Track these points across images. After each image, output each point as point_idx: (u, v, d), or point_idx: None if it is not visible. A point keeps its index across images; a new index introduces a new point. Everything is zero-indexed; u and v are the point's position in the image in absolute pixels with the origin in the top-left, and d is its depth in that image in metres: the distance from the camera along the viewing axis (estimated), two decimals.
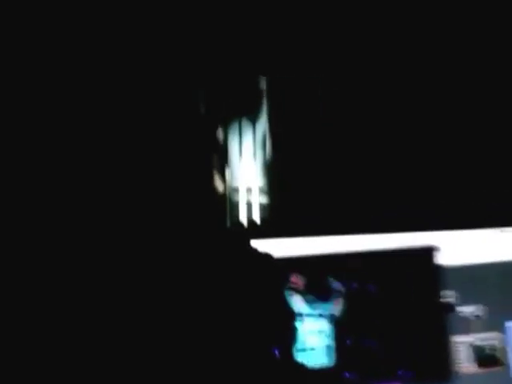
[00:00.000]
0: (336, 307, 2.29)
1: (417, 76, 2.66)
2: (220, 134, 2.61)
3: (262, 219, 2.52)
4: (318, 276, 2.32)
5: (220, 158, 2.60)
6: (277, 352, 2.25)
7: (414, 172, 2.53)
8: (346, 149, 2.62)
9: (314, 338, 2.28)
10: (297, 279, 2.30)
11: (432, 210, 2.34)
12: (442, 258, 2.28)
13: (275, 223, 2.44)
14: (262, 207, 2.55)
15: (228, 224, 2.52)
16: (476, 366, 2.25)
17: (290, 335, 2.28)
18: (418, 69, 2.66)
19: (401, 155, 2.56)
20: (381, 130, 2.63)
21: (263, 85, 2.64)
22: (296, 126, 2.65)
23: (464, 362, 2.24)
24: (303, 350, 2.28)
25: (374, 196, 2.46)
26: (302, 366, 2.26)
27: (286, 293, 2.28)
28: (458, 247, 2.30)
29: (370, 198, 2.46)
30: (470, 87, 2.65)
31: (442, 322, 2.26)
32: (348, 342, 2.28)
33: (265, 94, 2.64)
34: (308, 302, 2.29)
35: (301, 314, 2.27)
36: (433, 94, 2.66)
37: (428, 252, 2.28)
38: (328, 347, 2.28)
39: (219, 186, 2.58)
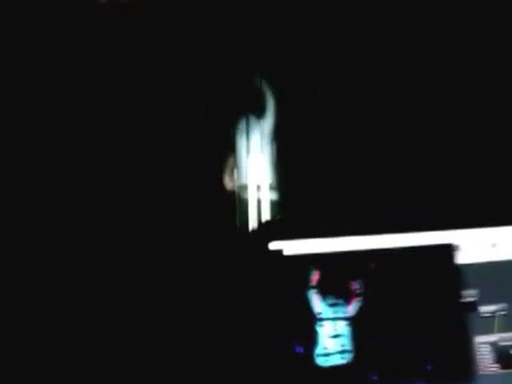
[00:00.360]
0: (355, 308, 2.22)
1: (417, 75, 2.64)
2: (227, 133, 2.56)
3: (277, 221, 2.47)
4: (335, 276, 2.26)
5: (229, 160, 2.56)
6: (298, 353, 2.18)
7: (431, 169, 2.49)
8: (353, 148, 2.58)
9: (333, 339, 2.21)
10: (317, 277, 2.23)
11: (451, 208, 2.29)
12: (462, 256, 2.22)
13: (291, 224, 2.37)
14: (275, 208, 2.51)
15: (240, 226, 2.48)
16: (499, 366, 2.19)
17: (310, 337, 2.22)
18: (419, 68, 2.64)
19: (415, 153, 2.52)
20: (387, 128, 2.59)
21: (263, 85, 2.61)
22: (297, 125, 2.61)
23: (487, 362, 2.18)
24: (323, 352, 2.21)
25: (390, 195, 2.42)
26: (322, 369, 2.19)
27: (309, 293, 2.20)
28: (479, 244, 2.24)
29: (386, 196, 2.42)
30: (474, 85, 2.63)
31: (463, 322, 2.20)
32: (368, 343, 2.21)
33: (266, 94, 2.61)
34: (326, 302, 2.22)
35: (320, 316, 2.21)
36: (435, 93, 2.64)
37: (447, 250, 2.22)
38: (348, 349, 2.21)
39: (230, 187, 2.54)
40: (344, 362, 2.20)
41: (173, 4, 2.54)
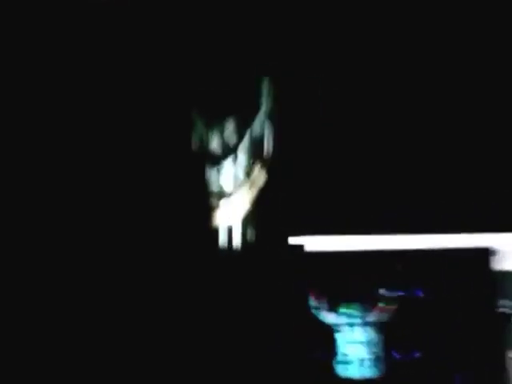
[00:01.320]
0: (380, 314, 2.07)
1: (417, 75, 2.60)
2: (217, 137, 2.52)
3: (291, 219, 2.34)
4: (359, 281, 2.11)
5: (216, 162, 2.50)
6: (316, 364, 2.03)
7: (467, 168, 2.40)
8: (362, 147, 2.51)
9: (354, 348, 2.06)
10: (317, 294, 2.11)
11: (487, 211, 2.18)
12: (499, 263, 2.10)
13: (310, 221, 2.24)
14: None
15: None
16: None
17: (326, 347, 2.07)
18: (419, 69, 2.62)
19: (453, 151, 2.44)
20: (398, 128, 2.52)
21: (264, 85, 2.56)
22: (297, 125, 2.54)
23: None
24: (343, 361, 2.06)
25: (423, 193, 2.31)
26: (342, 379, 2.05)
27: (311, 305, 2.08)
28: None
29: (419, 195, 2.31)
30: (480, 82, 2.59)
31: (496, 333, 2.08)
32: (394, 352, 2.07)
33: (266, 95, 2.55)
34: (348, 309, 2.08)
35: (337, 324, 2.06)
36: (437, 91, 2.58)
37: (482, 255, 2.10)
38: (373, 358, 2.06)
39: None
40: (369, 372, 2.06)
41: (168, 6, 2.48)
